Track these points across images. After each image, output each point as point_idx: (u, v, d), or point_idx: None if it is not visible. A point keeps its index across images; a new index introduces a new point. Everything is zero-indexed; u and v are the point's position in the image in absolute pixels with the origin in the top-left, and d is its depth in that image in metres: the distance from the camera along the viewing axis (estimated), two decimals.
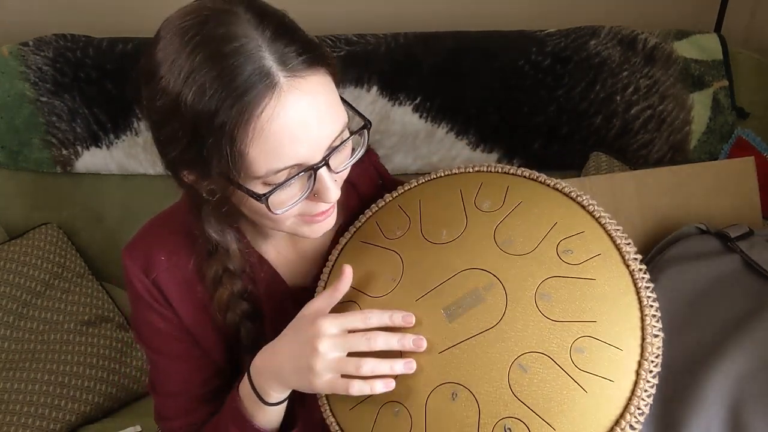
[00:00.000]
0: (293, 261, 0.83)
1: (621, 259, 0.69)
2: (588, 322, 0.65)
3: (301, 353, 0.68)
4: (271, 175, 0.63)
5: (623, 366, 0.64)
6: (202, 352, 0.82)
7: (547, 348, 0.64)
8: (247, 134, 0.60)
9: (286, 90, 0.60)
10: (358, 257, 0.76)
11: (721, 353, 0.89)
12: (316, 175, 0.65)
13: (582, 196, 0.73)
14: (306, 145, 0.63)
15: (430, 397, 0.65)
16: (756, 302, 0.94)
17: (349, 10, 1.49)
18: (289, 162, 0.63)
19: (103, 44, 1.42)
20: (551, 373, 0.63)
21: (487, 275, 0.68)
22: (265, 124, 0.60)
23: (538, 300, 0.66)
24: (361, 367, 0.66)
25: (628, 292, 0.67)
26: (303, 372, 0.68)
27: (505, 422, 0.63)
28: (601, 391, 0.63)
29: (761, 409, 0.84)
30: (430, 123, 1.39)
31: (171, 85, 0.61)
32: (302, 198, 0.66)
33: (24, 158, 1.46)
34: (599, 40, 1.35)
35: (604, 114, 1.35)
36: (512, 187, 0.75)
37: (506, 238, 0.70)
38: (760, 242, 1.01)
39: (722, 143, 1.34)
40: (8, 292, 1.35)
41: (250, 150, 0.61)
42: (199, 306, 0.80)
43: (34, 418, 1.25)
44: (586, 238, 0.70)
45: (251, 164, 0.62)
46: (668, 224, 1.13)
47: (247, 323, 0.79)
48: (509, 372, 0.64)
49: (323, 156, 0.64)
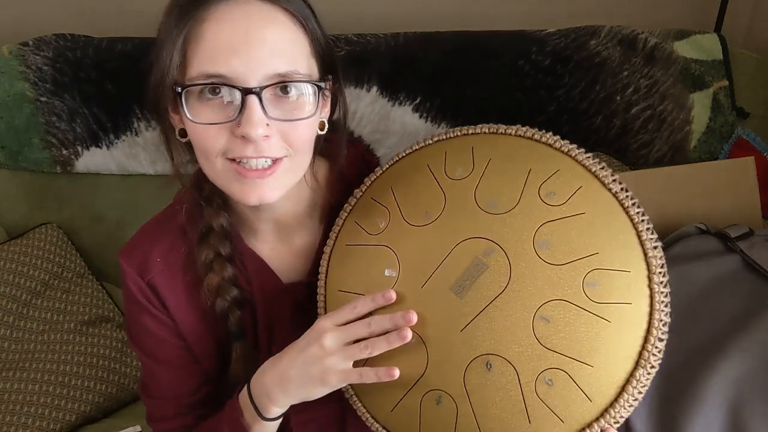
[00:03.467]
0: (285, 256, 0.83)
1: (601, 185, 0.69)
2: (590, 255, 0.66)
3: (309, 358, 0.69)
4: (201, 78, 0.65)
5: (635, 286, 0.66)
6: (193, 358, 0.83)
7: (562, 293, 0.65)
8: (190, 36, 0.66)
9: (234, 3, 0.66)
10: (348, 261, 0.76)
11: (721, 353, 0.89)
12: (245, 99, 0.65)
13: (544, 135, 0.73)
14: (241, 61, 0.64)
15: (466, 376, 0.66)
16: (756, 302, 0.94)
17: (349, 10, 1.49)
18: (221, 69, 0.65)
19: (103, 44, 1.42)
20: (573, 315, 0.64)
21: (483, 241, 0.68)
22: (205, 28, 0.65)
23: (538, 250, 0.67)
24: (367, 348, 0.68)
25: (617, 215, 0.68)
26: (314, 375, 0.69)
27: (545, 375, 0.64)
28: (622, 317, 0.65)
29: (761, 409, 0.84)
30: (430, 123, 1.39)
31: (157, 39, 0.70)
32: (226, 120, 0.66)
33: (24, 158, 1.46)
34: (599, 40, 1.35)
35: (604, 114, 1.35)
36: (477, 147, 0.74)
37: (489, 200, 0.70)
38: (760, 242, 1.01)
39: (722, 143, 1.34)
40: (8, 292, 1.35)
41: (189, 49, 0.66)
42: (194, 308, 0.80)
43: (34, 418, 1.25)
44: (562, 175, 0.70)
45: (188, 65, 0.66)
46: (668, 224, 1.13)
47: (236, 311, 0.79)
48: (533, 327, 0.65)
49: (259, 84, 0.65)
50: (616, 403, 0.65)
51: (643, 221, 0.68)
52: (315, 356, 0.69)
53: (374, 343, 0.68)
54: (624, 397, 0.65)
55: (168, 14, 0.69)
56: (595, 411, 0.65)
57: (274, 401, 0.73)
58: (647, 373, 0.65)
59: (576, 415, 0.65)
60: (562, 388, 0.64)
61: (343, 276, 0.74)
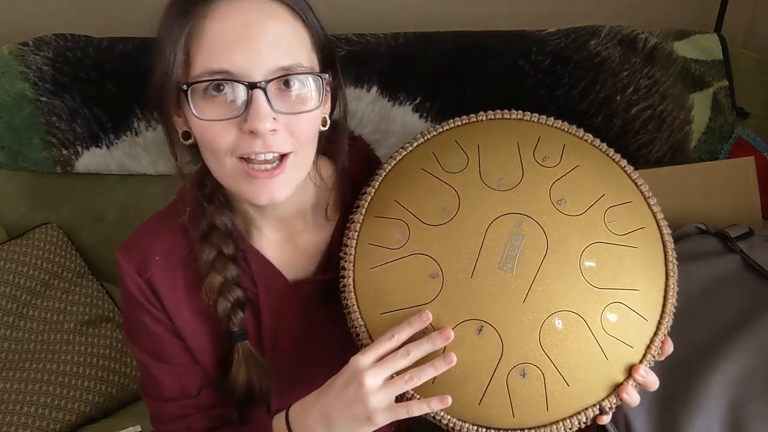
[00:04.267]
0: (290, 255, 0.82)
1: (578, 139, 0.78)
2: (600, 198, 0.73)
3: (351, 400, 0.67)
4: (206, 75, 0.65)
5: (640, 211, 0.74)
6: (191, 359, 0.82)
7: (593, 236, 0.71)
8: (192, 33, 0.66)
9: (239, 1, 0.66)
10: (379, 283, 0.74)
11: (721, 353, 0.89)
12: (251, 94, 0.65)
13: (512, 113, 0.80)
14: (244, 56, 0.65)
15: (541, 339, 0.69)
16: (756, 302, 0.94)
17: (349, 10, 1.49)
18: (224, 65, 0.65)
19: (103, 44, 1.42)
20: (608, 252, 0.71)
21: (510, 216, 0.72)
22: (208, 24, 0.65)
23: (559, 207, 0.72)
24: (413, 379, 0.67)
25: (602, 158, 0.77)
26: (358, 416, 0.67)
27: (606, 312, 0.70)
28: (643, 239, 0.73)
29: (761, 408, 0.84)
30: (430, 123, 1.39)
31: (158, 37, 0.70)
32: (232, 116, 0.67)
33: (24, 158, 1.46)
34: (599, 40, 1.35)
35: (604, 114, 1.35)
36: (460, 139, 0.78)
37: (496, 179, 0.74)
38: (760, 242, 1.01)
39: (722, 143, 1.34)
40: (8, 292, 1.35)
41: (192, 46, 0.66)
42: (194, 309, 0.79)
43: (34, 418, 1.25)
44: (545, 140, 0.77)
45: (192, 63, 0.66)
46: (668, 224, 1.13)
47: (239, 311, 0.79)
48: (582, 273, 0.70)
49: (264, 78, 0.66)
50: (664, 313, 0.72)
51: (621, 159, 0.77)
52: (356, 397, 0.67)
53: (419, 373, 0.67)
54: (668, 306, 0.72)
55: (168, 13, 0.69)
56: (652, 328, 0.71)
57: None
58: (674, 282, 0.73)
59: (640, 337, 0.71)
60: (623, 318, 0.70)
61: (380, 300, 0.73)
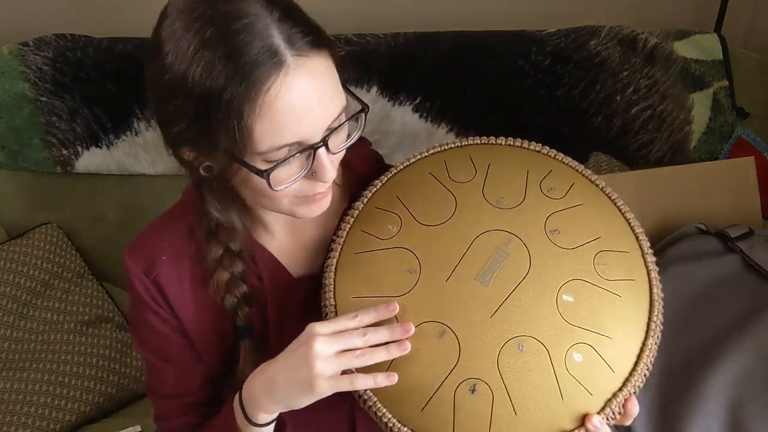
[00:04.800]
0: (295, 250, 0.83)
1: (589, 182, 0.78)
2: (595, 239, 0.73)
3: (297, 362, 0.68)
4: (273, 151, 0.64)
5: (634, 264, 0.74)
6: (197, 357, 0.82)
7: (578, 273, 0.71)
8: (253, 110, 0.61)
9: (293, 69, 0.62)
10: (360, 268, 0.75)
11: (721, 353, 0.89)
12: (315, 154, 0.66)
13: (531, 144, 0.82)
14: (308, 124, 0.64)
15: (499, 360, 0.68)
16: (756, 302, 0.94)
17: (349, 10, 1.49)
18: (291, 139, 0.64)
19: (103, 44, 1.42)
20: (590, 292, 0.71)
21: (501, 233, 0.73)
22: (271, 101, 0.61)
23: (551, 237, 0.73)
24: (363, 356, 0.66)
25: (607, 205, 0.77)
26: (301, 381, 0.67)
27: (572, 351, 0.68)
28: (630, 292, 0.72)
29: (761, 409, 0.84)
30: (430, 123, 1.39)
31: (179, 60, 0.61)
32: (301, 176, 0.67)
33: (24, 158, 1.46)
34: (599, 40, 1.35)
35: (604, 114, 1.35)
36: (474, 155, 0.80)
37: (497, 197, 0.75)
38: (760, 242, 1.01)
39: (722, 143, 1.34)
40: (8, 292, 1.35)
41: (255, 125, 0.62)
42: (200, 306, 0.80)
43: (34, 418, 1.25)
44: (556, 174, 0.78)
45: (256, 140, 0.63)
46: (668, 224, 1.13)
47: (245, 307, 0.79)
48: (557, 305, 0.70)
49: (322, 136, 0.65)
50: (634, 372, 0.69)
51: (628, 211, 0.77)
52: (303, 360, 0.67)
53: (371, 352, 0.66)
54: (640, 366, 0.69)
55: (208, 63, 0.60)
56: (617, 382, 0.69)
57: (261, 406, 0.72)
58: (655, 343, 0.71)
59: (602, 387, 0.69)
60: (589, 361, 0.68)
61: (355, 283, 0.74)
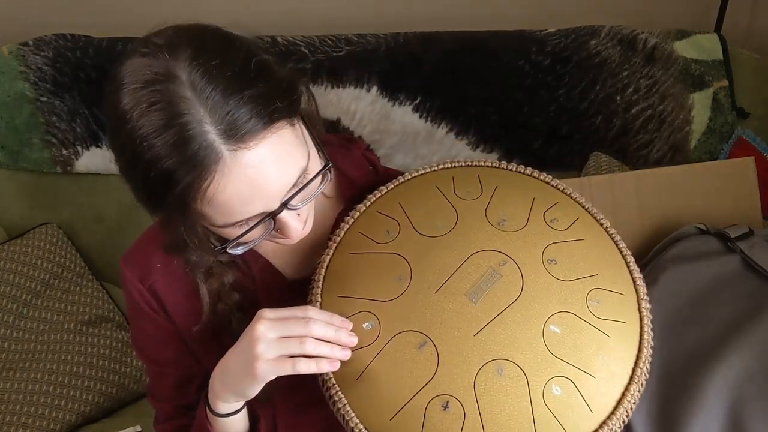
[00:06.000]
0: (288, 254, 0.83)
1: (594, 220, 0.78)
2: (592, 276, 0.72)
3: (243, 346, 0.68)
4: (229, 226, 0.65)
5: (628, 307, 0.72)
6: (195, 360, 0.83)
7: (569, 306, 0.70)
8: (198, 199, 0.61)
9: (230, 163, 0.59)
10: (352, 268, 0.75)
11: (721, 353, 0.89)
12: (276, 218, 0.66)
13: (541, 174, 0.80)
14: (260, 202, 0.63)
15: (477, 380, 0.67)
16: (756, 302, 0.94)
17: (349, 10, 1.49)
18: (245, 216, 0.64)
19: (103, 44, 1.42)
20: (578, 327, 0.69)
21: (497, 254, 0.72)
22: (214, 195, 0.61)
23: (547, 266, 0.72)
24: (305, 343, 0.65)
25: (609, 245, 0.76)
26: (244, 363, 0.67)
27: (552, 383, 0.67)
28: (620, 334, 0.70)
29: (760, 409, 0.84)
30: (430, 123, 1.39)
31: (132, 139, 0.60)
32: (265, 236, 0.68)
33: (24, 158, 1.46)
34: (599, 40, 1.35)
35: (604, 114, 1.35)
36: (482, 176, 0.79)
37: (499, 219, 0.74)
38: (760, 242, 1.01)
39: (722, 143, 1.34)
40: (8, 292, 1.35)
41: (204, 209, 0.62)
42: (194, 311, 0.80)
43: (34, 418, 1.25)
44: (561, 207, 0.77)
45: (209, 219, 0.64)
46: (668, 224, 1.13)
47: (238, 314, 0.79)
48: (543, 335, 0.68)
49: (282, 201, 0.64)
50: (612, 415, 0.67)
51: (629, 254, 0.76)
52: (248, 341, 0.66)
53: (315, 343, 0.65)
54: (620, 410, 0.67)
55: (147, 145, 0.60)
56: (595, 423, 0.67)
57: (218, 395, 0.72)
58: (638, 390, 0.69)
59: (578, 426, 0.66)
60: (568, 397, 0.66)
61: (344, 282, 0.74)
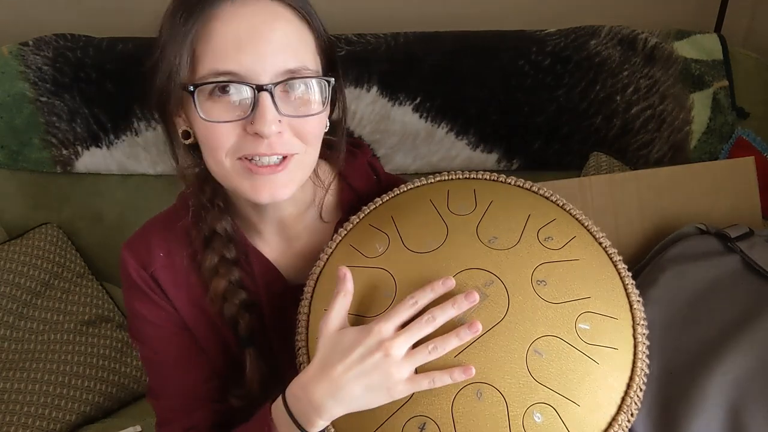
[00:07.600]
0: (289, 258, 0.83)
1: (593, 239, 0.74)
2: (583, 299, 0.68)
3: (370, 366, 0.64)
4: (212, 77, 0.66)
5: (622, 333, 0.68)
6: (199, 350, 0.82)
7: (556, 330, 0.66)
8: (200, 35, 0.66)
9: (246, 2, 0.67)
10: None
11: (721, 354, 0.89)
12: (258, 96, 0.66)
13: (541, 188, 0.77)
14: (250, 57, 0.65)
15: (455, 403, 0.64)
16: (756, 302, 0.94)
17: (349, 10, 1.49)
18: (231, 66, 0.65)
19: (103, 44, 1.42)
20: (565, 353, 0.65)
21: (484, 273, 0.69)
22: (217, 25, 0.66)
23: (536, 287, 0.68)
24: (437, 349, 0.63)
25: (607, 266, 0.72)
26: (378, 386, 0.64)
27: (533, 409, 0.64)
28: (610, 361, 0.66)
29: (761, 410, 0.84)
30: (430, 123, 1.39)
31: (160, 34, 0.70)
32: (239, 118, 0.67)
33: (24, 158, 1.46)
34: (599, 40, 1.35)
35: (604, 114, 1.35)
36: (478, 190, 0.76)
37: (490, 236, 0.71)
38: (760, 242, 1.01)
39: (722, 143, 1.34)
40: (8, 292, 1.35)
41: (198, 48, 0.66)
42: (196, 305, 0.79)
43: (34, 418, 1.25)
44: (558, 224, 0.73)
45: (197, 64, 0.66)
46: (668, 224, 1.13)
47: (246, 315, 0.78)
48: (527, 359, 0.65)
49: (270, 81, 0.66)
50: None
51: (628, 276, 0.72)
52: (377, 366, 0.63)
53: (443, 342, 0.63)
54: None
55: (172, 15, 0.69)
56: None
57: (323, 413, 0.66)
58: (627, 420, 0.66)
59: None
60: (549, 424, 0.64)
61: (331, 295, 0.71)
